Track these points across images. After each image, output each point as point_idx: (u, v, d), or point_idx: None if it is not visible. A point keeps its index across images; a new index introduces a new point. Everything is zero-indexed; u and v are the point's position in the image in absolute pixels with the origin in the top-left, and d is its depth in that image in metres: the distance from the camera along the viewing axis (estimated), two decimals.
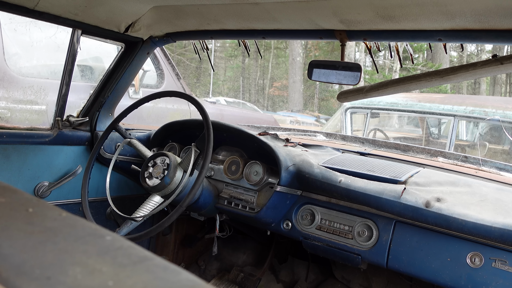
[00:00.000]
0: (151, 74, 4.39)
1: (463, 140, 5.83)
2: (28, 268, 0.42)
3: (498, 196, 1.67)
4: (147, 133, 2.51)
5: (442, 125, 6.04)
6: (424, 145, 5.55)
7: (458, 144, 5.26)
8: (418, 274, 1.72)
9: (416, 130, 6.94)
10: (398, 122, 7.41)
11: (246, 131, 2.21)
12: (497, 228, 1.50)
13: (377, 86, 1.63)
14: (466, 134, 6.06)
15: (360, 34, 1.74)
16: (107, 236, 0.52)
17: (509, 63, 1.27)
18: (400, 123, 7.49)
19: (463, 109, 4.28)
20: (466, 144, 5.50)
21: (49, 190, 2.18)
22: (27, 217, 0.56)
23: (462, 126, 5.93)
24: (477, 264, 1.59)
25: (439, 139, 5.81)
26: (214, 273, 2.85)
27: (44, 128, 2.22)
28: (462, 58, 24.80)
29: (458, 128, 5.59)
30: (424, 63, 18.14)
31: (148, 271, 0.45)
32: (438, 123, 6.01)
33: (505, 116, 4.05)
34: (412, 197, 1.70)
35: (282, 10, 1.69)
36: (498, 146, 5.13)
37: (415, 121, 6.98)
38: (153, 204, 1.94)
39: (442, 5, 1.37)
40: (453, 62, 25.30)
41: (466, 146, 5.35)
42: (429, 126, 5.94)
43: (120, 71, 2.31)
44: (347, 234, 1.91)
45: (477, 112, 4.23)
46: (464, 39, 1.54)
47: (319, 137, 2.67)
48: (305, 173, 1.97)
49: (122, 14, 1.99)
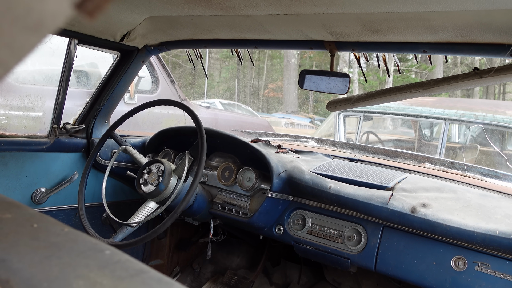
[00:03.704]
0: (146, 80, 4.44)
1: (455, 142, 5.90)
2: (36, 282, 0.48)
3: (481, 202, 1.74)
4: (142, 139, 2.56)
5: (434, 127, 6.11)
6: (416, 147, 5.63)
7: (450, 146, 5.33)
8: (405, 277, 1.78)
9: (409, 132, 7.01)
10: (392, 124, 7.48)
11: (239, 138, 2.26)
12: (479, 233, 1.56)
13: (364, 96, 1.69)
14: (458, 136, 6.14)
15: (349, 45, 1.80)
16: (106, 250, 0.57)
17: (488, 77, 1.33)
18: (394, 125, 7.56)
19: (454, 112, 4.35)
20: (457, 146, 5.57)
21: (46, 196, 2.23)
22: (32, 232, 0.61)
23: (455, 128, 6.01)
24: (461, 267, 1.65)
25: (431, 141, 5.88)
26: (209, 276, 2.90)
27: (41, 135, 2.26)
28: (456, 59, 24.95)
29: (450, 131, 5.67)
30: (418, 65, 18.26)
31: (144, 283, 0.50)
32: (431, 126, 6.08)
33: (494, 120, 4.13)
34: (399, 203, 1.76)
35: (273, 22, 1.74)
36: (489, 148, 5.20)
37: (408, 123, 7.05)
38: (148, 210, 1.99)
39: (425, 20, 1.43)
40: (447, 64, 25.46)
41: (457, 149, 5.43)
42: (422, 128, 6.00)
43: (115, 79, 2.36)
44: (337, 239, 1.97)
45: (467, 115, 4.30)
46: (447, 51, 1.60)
47: (310, 143, 2.72)
48: (296, 179, 2.02)
49: (118, 24, 2.04)
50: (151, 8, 1.81)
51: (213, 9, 1.67)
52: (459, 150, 5.41)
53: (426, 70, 17.93)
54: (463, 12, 1.31)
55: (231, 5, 1.58)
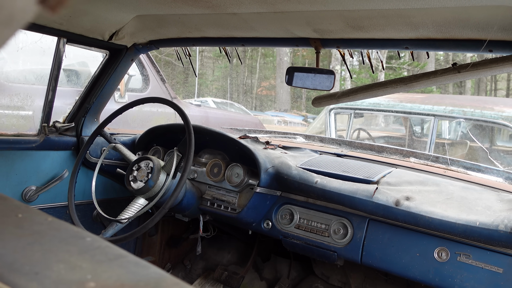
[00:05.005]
0: (137, 78, 4.45)
1: (445, 138, 5.96)
2: (19, 265, 0.50)
3: (463, 194, 1.78)
4: (132, 137, 2.58)
5: (425, 124, 6.16)
6: (407, 143, 5.68)
7: (440, 143, 5.38)
8: (390, 269, 1.82)
9: (400, 129, 7.06)
10: (383, 121, 7.53)
11: (227, 134, 2.29)
12: (460, 224, 1.60)
13: (348, 92, 1.73)
14: (449, 133, 6.20)
15: (334, 42, 1.83)
16: (87, 237, 0.60)
17: (466, 72, 1.37)
18: (386, 122, 7.61)
19: (443, 109, 4.40)
20: (448, 142, 5.63)
21: (36, 194, 2.24)
22: (17, 221, 0.63)
23: (445, 125, 6.07)
24: (444, 258, 1.70)
25: (421, 138, 5.93)
26: (200, 272, 2.93)
27: (31, 134, 2.28)
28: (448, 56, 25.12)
29: (440, 127, 5.72)
30: (410, 62, 18.36)
31: (122, 266, 0.53)
32: (421, 122, 6.13)
33: (482, 116, 4.18)
34: (383, 196, 1.79)
35: (259, 20, 1.77)
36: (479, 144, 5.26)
37: (400, 120, 7.10)
38: (138, 207, 2.02)
39: (406, 17, 1.47)
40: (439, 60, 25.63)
41: (447, 145, 5.48)
42: (412, 125, 6.05)
43: (105, 77, 2.38)
44: (324, 232, 2.00)
45: (456, 111, 4.36)
46: (428, 47, 1.64)
47: (298, 139, 2.76)
48: (284, 175, 2.06)
49: (106, 23, 2.06)
50: (139, 6, 1.83)
51: (200, 8, 1.69)
52: (448, 146, 5.47)
53: (418, 67, 18.03)
54: (441, 9, 1.35)
55: (217, 4, 1.60)
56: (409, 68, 19.30)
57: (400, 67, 19.32)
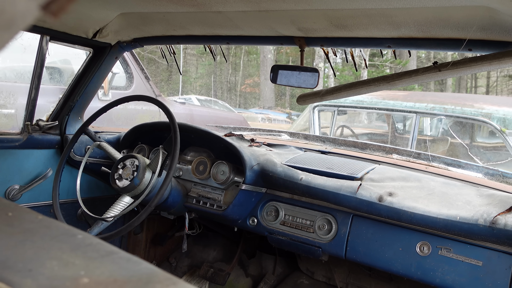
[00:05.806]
0: (121, 76, 4.43)
1: (427, 135, 6.05)
2: (12, 263, 0.51)
3: (444, 189, 1.82)
4: (117, 135, 2.57)
5: (407, 121, 6.25)
6: (390, 140, 5.76)
7: (422, 139, 5.46)
8: (373, 263, 1.86)
9: (383, 126, 7.14)
10: (367, 118, 7.60)
11: (212, 132, 2.30)
12: (441, 219, 1.64)
13: (331, 90, 1.76)
14: (430, 129, 6.29)
15: (318, 41, 1.86)
16: (78, 235, 0.61)
17: (446, 70, 1.41)
18: (369, 119, 7.68)
19: (424, 106, 4.47)
20: (429, 139, 5.71)
21: (20, 193, 2.22)
22: (7, 220, 0.64)
23: (426, 122, 6.16)
24: (426, 252, 1.74)
25: (404, 134, 6.01)
26: (185, 270, 2.93)
27: (13, 132, 2.25)
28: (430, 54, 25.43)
29: (422, 124, 5.81)
30: (392, 60, 18.55)
31: (114, 262, 0.54)
32: (404, 119, 6.21)
33: (463, 112, 4.26)
34: (367, 192, 1.83)
35: (243, 18, 1.79)
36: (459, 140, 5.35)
37: (383, 117, 7.18)
38: (123, 205, 2.02)
39: (388, 16, 1.50)
40: (420, 57, 25.93)
41: (429, 141, 5.56)
42: (395, 122, 6.13)
43: (89, 75, 2.36)
44: (309, 228, 2.03)
45: (437, 108, 4.43)
46: (410, 46, 1.68)
47: (283, 136, 2.78)
48: (269, 172, 2.08)
49: (90, 21, 2.05)
50: (123, 4, 1.83)
51: (185, 6, 1.70)
52: (430, 142, 5.55)
53: (400, 65, 18.23)
54: (422, 8, 1.38)
55: (202, 2, 1.61)
56: (391, 66, 19.50)
57: (383, 64, 19.52)
